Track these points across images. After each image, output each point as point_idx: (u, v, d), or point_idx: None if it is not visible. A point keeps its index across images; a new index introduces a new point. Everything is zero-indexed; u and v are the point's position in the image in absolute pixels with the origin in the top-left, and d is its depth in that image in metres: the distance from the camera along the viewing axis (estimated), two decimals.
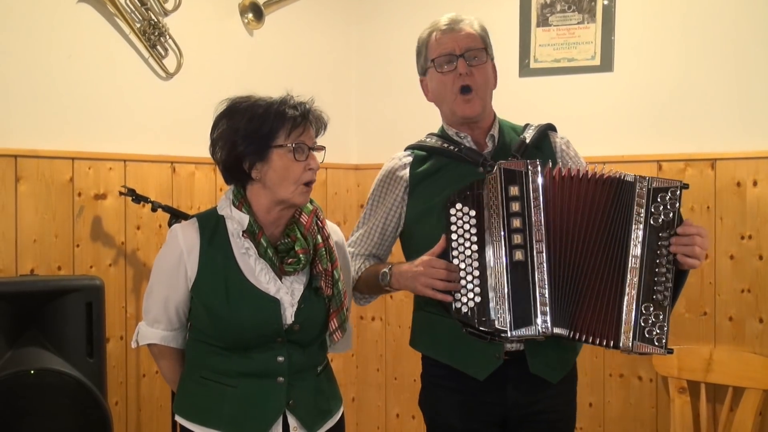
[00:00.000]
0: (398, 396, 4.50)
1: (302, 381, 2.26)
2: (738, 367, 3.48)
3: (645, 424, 3.76)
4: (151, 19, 3.58)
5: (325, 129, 2.31)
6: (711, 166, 3.57)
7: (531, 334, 2.21)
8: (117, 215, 3.47)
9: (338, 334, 2.28)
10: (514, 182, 2.23)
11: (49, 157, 3.24)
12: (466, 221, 2.28)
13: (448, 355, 2.47)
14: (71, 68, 3.34)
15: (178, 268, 2.24)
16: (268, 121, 2.17)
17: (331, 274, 2.25)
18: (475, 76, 2.44)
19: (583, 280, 2.23)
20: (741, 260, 3.53)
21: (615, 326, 2.20)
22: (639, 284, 2.19)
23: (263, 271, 2.21)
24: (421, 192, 2.51)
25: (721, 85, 3.59)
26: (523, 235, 2.21)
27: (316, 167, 2.20)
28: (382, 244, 2.60)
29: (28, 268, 3.18)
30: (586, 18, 3.88)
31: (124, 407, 3.52)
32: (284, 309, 2.21)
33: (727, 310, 3.56)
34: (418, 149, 2.58)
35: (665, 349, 2.18)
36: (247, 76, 3.97)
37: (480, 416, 2.46)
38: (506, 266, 2.20)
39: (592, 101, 3.89)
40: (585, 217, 2.24)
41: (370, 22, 4.60)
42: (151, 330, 2.35)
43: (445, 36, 2.47)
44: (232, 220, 2.23)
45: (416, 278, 2.31)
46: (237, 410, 2.22)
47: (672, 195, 2.20)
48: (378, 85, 4.58)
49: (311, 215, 2.28)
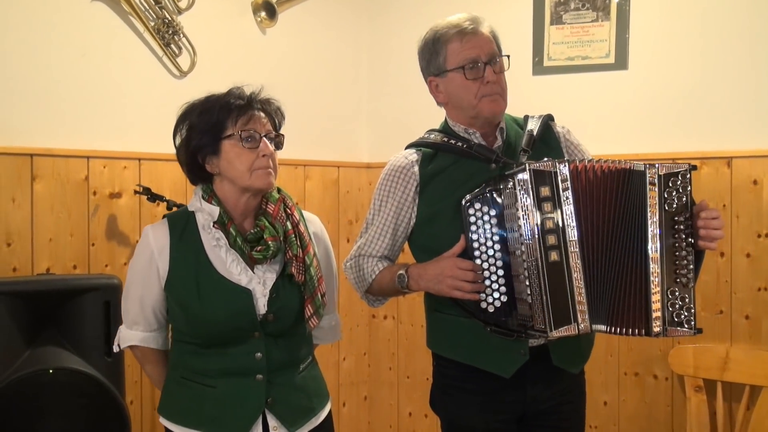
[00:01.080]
0: (411, 395, 4.49)
1: (282, 378, 2.26)
2: (755, 366, 3.46)
3: (660, 423, 3.75)
4: (165, 18, 3.57)
5: (280, 116, 2.32)
6: (727, 164, 3.56)
7: (570, 333, 2.20)
8: (132, 214, 3.47)
9: (314, 320, 2.27)
10: (544, 183, 2.21)
11: (64, 156, 3.24)
12: (486, 221, 2.28)
13: (471, 356, 2.44)
14: (86, 67, 3.34)
15: (150, 268, 2.25)
16: (215, 113, 2.21)
17: (302, 260, 2.25)
18: (499, 81, 2.44)
19: (613, 274, 2.23)
20: (757, 258, 3.51)
21: (645, 314, 2.21)
22: (662, 270, 2.21)
23: (234, 263, 2.22)
24: (432, 191, 2.46)
25: (737, 83, 3.58)
26: (557, 235, 2.20)
27: (268, 153, 2.20)
28: (394, 245, 2.54)
29: (44, 267, 3.18)
30: (600, 16, 3.86)
31: (139, 406, 3.51)
32: (257, 299, 2.21)
33: (744, 308, 3.55)
34: (424, 147, 2.53)
35: (695, 329, 2.21)
36: (260, 74, 3.90)
37: (500, 415, 2.46)
38: (542, 268, 2.18)
39: (606, 99, 3.87)
40: (607, 210, 2.24)
41: (382, 20, 4.59)
42: (131, 332, 2.35)
43: (470, 41, 2.42)
44: (202, 212, 2.25)
45: (442, 280, 2.30)
46: (217, 410, 2.22)
47: (682, 179, 2.21)
48: (390, 83, 4.57)
49: (278, 203, 2.29)
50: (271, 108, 2.29)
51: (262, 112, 2.25)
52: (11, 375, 2.67)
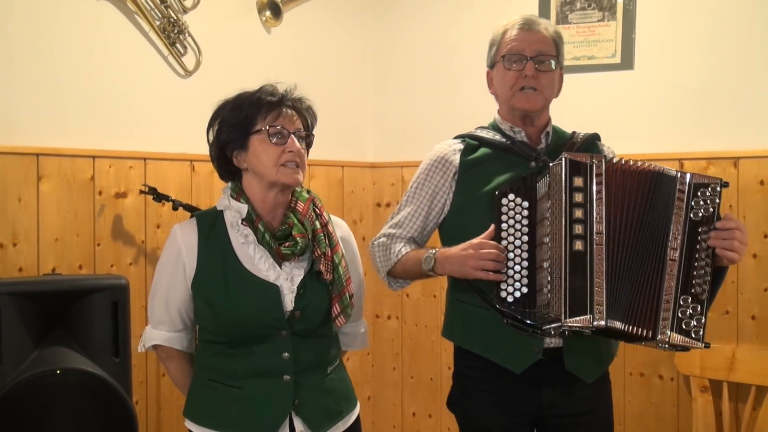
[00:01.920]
0: (415, 395, 4.49)
1: (310, 380, 2.24)
2: (761, 366, 3.46)
3: (666, 423, 3.75)
4: (171, 17, 3.56)
5: (312, 115, 2.33)
6: (734, 165, 3.56)
7: (585, 324, 2.17)
8: (137, 214, 3.46)
9: (340, 319, 2.26)
10: (578, 173, 2.22)
11: (70, 156, 3.23)
12: (518, 212, 2.30)
13: (483, 347, 2.46)
14: (92, 66, 3.33)
15: (177, 267, 2.26)
16: (245, 109, 2.23)
17: (330, 258, 2.25)
18: (540, 79, 2.45)
19: (632, 272, 2.23)
20: (764, 259, 3.51)
21: (654, 318, 2.20)
22: (677, 277, 2.20)
23: (262, 259, 2.22)
24: (469, 180, 2.50)
25: (744, 83, 3.58)
26: (585, 225, 2.20)
27: (295, 150, 2.21)
28: (425, 229, 2.58)
29: (50, 267, 3.17)
30: (606, 16, 3.86)
31: (145, 407, 3.50)
32: (284, 295, 2.20)
33: (750, 308, 3.54)
34: (469, 138, 2.58)
35: (702, 342, 2.19)
36: (265, 73, 3.90)
37: (514, 416, 2.46)
38: (565, 255, 2.18)
39: (613, 99, 3.87)
40: (635, 209, 2.25)
41: (388, 19, 4.59)
42: (156, 332, 2.35)
43: (520, 34, 2.48)
44: (230, 210, 2.26)
45: (465, 261, 2.31)
46: (243, 412, 2.21)
47: (712, 191, 2.21)
48: (395, 82, 4.57)
49: (307, 202, 2.30)
50: (302, 106, 2.29)
51: (293, 110, 2.26)
52: (19, 375, 2.65)
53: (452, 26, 4.37)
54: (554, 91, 2.54)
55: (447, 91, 4.38)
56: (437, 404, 4.42)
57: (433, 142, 4.52)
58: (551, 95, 2.52)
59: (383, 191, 4.56)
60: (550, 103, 2.56)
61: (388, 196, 4.55)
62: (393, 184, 4.53)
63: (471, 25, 4.27)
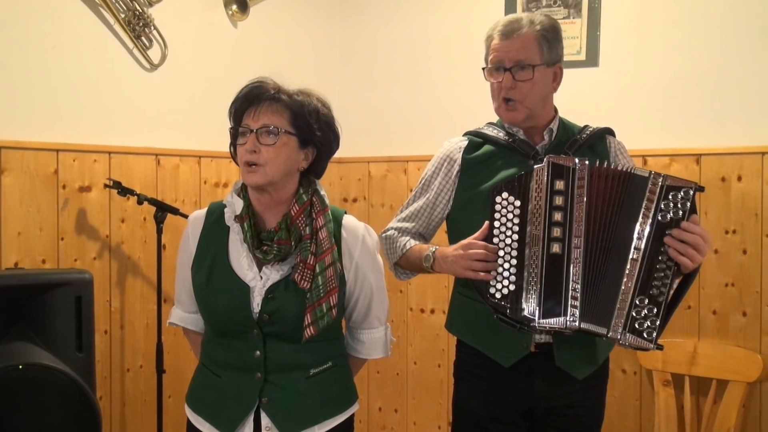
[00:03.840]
0: (381, 389, 4.49)
1: (285, 380, 2.22)
2: (722, 360, 3.51)
3: (629, 417, 3.79)
4: (136, 10, 3.53)
5: (303, 108, 2.19)
6: (696, 161, 3.60)
7: (559, 326, 2.22)
8: (101, 208, 3.44)
9: (310, 330, 2.17)
10: (561, 176, 2.25)
11: (33, 149, 3.20)
12: (510, 210, 2.30)
13: (478, 340, 2.53)
14: (56, 59, 3.30)
15: (185, 251, 2.32)
16: (231, 106, 2.22)
17: (312, 267, 2.17)
18: (519, 89, 2.45)
19: (606, 274, 2.24)
20: (725, 255, 3.56)
21: (608, 315, 2.22)
22: (637, 277, 2.20)
23: (247, 258, 2.21)
24: (471, 177, 2.54)
25: (706, 81, 3.62)
26: (563, 228, 2.24)
27: (249, 148, 2.14)
28: (430, 224, 2.64)
29: (12, 261, 3.14)
30: (572, 13, 3.89)
31: (109, 402, 3.48)
32: (253, 297, 2.18)
33: (712, 303, 3.59)
34: (474, 135, 2.61)
35: (654, 344, 2.19)
36: (231, 68, 3.94)
37: (505, 405, 2.51)
38: (543, 257, 2.23)
39: (578, 96, 3.88)
40: (611, 212, 2.26)
41: (354, 15, 4.59)
42: (175, 310, 2.44)
43: (500, 43, 2.47)
44: (230, 205, 2.26)
45: (456, 261, 2.33)
46: (216, 400, 2.24)
47: (684, 195, 2.19)
48: (361, 78, 4.57)
49: (303, 206, 2.22)
50: (289, 100, 2.19)
51: (277, 103, 2.17)
52: None
53: (419, 23, 4.38)
54: (540, 96, 2.50)
55: (414, 87, 4.40)
56: (403, 399, 4.44)
57: (400, 137, 4.54)
58: (534, 102, 2.48)
59: (350, 186, 4.56)
60: (545, 102, 2.54)
61: (354, 191, 4.55)
62: (360, 179, 4.53)
63: (438, 22, 4.29)
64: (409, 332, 4.39)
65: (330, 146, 2.29)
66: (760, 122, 3.52)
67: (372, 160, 4.43)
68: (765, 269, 3.49)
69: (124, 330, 3.54)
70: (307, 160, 2.24)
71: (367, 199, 4.51)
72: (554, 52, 2.51)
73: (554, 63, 2.52)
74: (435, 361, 4.33)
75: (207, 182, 3.87)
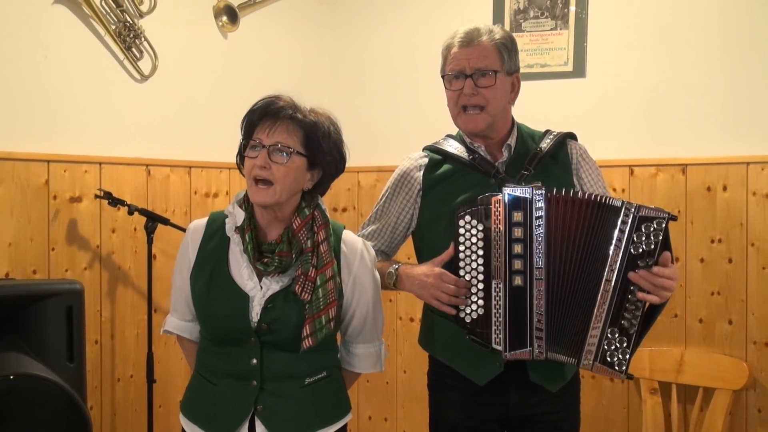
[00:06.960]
0: (370, 398, 4.51)
1: (281, 388, 2.24)
2: (708, 368, 3.55)
3: (617, 425, 3.82)
4: (127, 21, 3.55)
5: (317, 131, 2.23)
6: (682, 171, 3.64)
7: (526, 357, 2.29)
8: (92, 218, 3.45)
9: (308, 341, 2.20)
10: (518, 208, 2.25)
11: (24, 160, 3.21)
12: (474, 234, 2.30)
13: (451, 359, 2.52)
14: (46, 70, 3.31)
15: (184, 258, 2.33)
16: (245, 119, 2.25)
17: (313, 279, 2.20)
18: (481, 95, 2.43)
19: (573, 304, 2.26)
20: (711, 263, 3.60)
21: (580, 345, 2.25)
22: (608, 309, 2.21)
23: (247, 269, 2.23)
24: (434, 197, 2.53)
25: (692, 92, 3.67)
26: (524, 261, 2.25)
27: (259, 164, 2.16)
28: (392, 242, 2.63)
29: (3, 272, 3.14)
30: (559, 24, 3.93)
31: (99, 412, 3.49)
32: (252, 306, 2.20)
33: (698, 312, 3.63)
34: (434, 152, 2.58)
35: (625, 374, 2.22)
36: (222, 78, 3.96)
37: (481, 415, 2.51)
38: (506, 290, 2.26)
39: (565, 107, 3.93)
40: (577, 242, 2.25)
41: (344, 25, 4.62)
42: (170, 318, 2.43)
43: (459, 51, 2.46)
44: (232, 216, 2.27)
45: (425, 287, 2.35)
46: (212, 408, 2.25)
47: (657, 225, 2.16)
48: (351, 88, 4.60)
49: (305, 219, 2.24)
50: (304, 119, 2.22)
51: (291, 122, 2.20)
52: None
53: (408, 32, 4.41)
54: (501, 104, 2.49)
55: (403, 97, 4.43)
56: (392, 407, 4.45)
57: (389, 147, 4.55)
58: (497, 109, 2.47)
59: (339, 196, 4.58)
60: (504, 113, 2.53)
61: (344, 201, 4.57)
62: (349, 189, 4.55)
63: (427, 31, 4.31)
64: (398, 341, 4.41)
65: (336, 168, 2.32)
66: (745, 133, 3.57)
67: (361, 170, 4.46)
68: (750, 278, 3.53)
69: (114, 340, 3.55)
70: (312, 180, 2.27)
71: (357, 208, 4.53)
72: (513, 62, 2.51)
73: (513, 72, 2.52)
74: (424, 370, 4.29)
75: (197, 192, 3.89)
